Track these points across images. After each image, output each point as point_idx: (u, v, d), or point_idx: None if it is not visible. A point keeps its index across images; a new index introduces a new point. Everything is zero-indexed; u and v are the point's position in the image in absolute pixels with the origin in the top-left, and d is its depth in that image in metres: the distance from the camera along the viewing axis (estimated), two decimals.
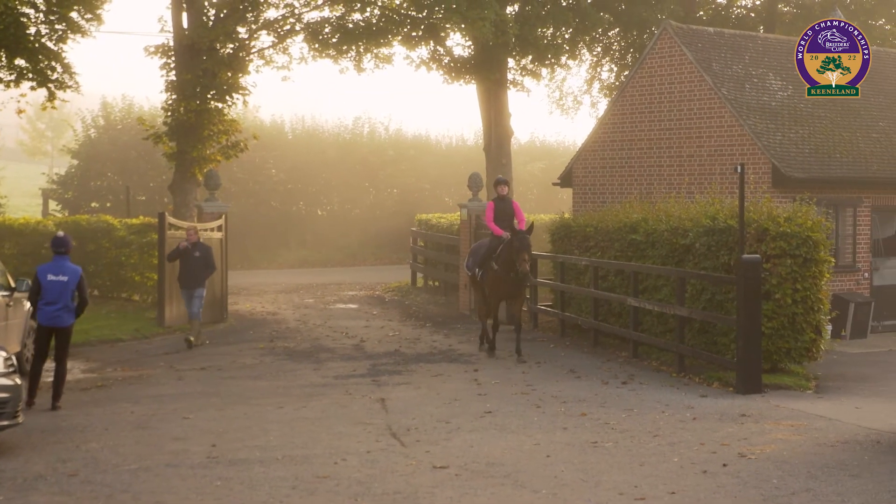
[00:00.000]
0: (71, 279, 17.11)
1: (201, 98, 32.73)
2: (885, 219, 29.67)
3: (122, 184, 48.61)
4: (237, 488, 11.39)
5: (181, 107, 32.40)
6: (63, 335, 17.27)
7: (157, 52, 34.12)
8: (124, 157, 51.35)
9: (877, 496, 10.81)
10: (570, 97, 52.73)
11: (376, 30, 37.91)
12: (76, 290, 17.21)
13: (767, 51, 31.17)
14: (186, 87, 32.57)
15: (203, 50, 32.88)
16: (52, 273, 17.07)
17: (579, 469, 12.21)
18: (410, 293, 37.18)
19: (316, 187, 55.82)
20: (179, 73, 33.18)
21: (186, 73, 32.73)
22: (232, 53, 34.05)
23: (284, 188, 54.82)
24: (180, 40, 33.24)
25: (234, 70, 33.78)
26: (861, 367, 22.16)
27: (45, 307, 17.05)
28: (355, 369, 20.72)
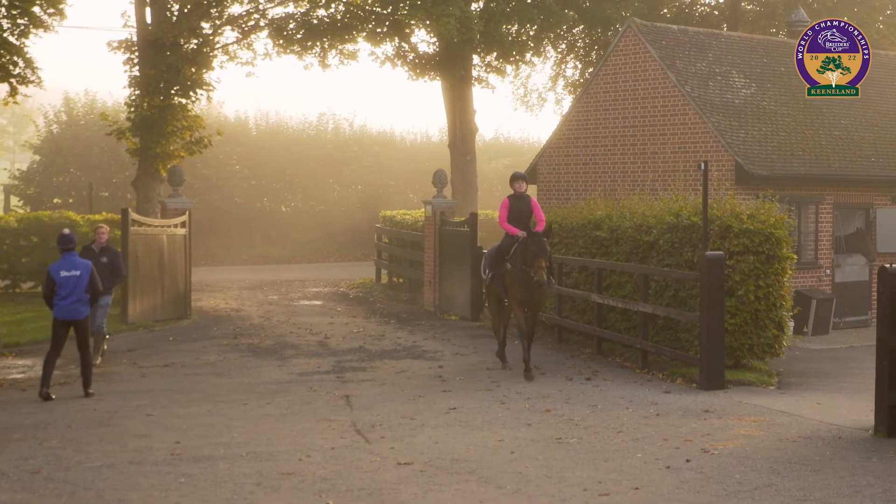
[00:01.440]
0: (83, 273, 17.73)
1: (165, 94, 32.63)
2: (847, 216, 29.89)
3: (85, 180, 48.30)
4: (201, 485, 11.36)
5: (144, 102, 32.27)
6: (82, 326, 17.90)
7: (120, 48, 33.97)
8: (87, 152, 51.08)
9: (838, 491, 10.89)
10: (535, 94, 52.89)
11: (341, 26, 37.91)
12: (88, 283, 17.79)
13: (731, 49, 31.31)
14: (150, 82, 32.44)
15: (167, 45, 32.75)
16: (65, 269, 17.64)
17: (543, 465, 12.24)
18: (375, 290, 37.16)
19: (280, 183, 55.67)
20: (143, 68, 33.04)
21: (150, 68, 32.60)
22: (196, 49, 33.93)
23: (248, 184, 54.68)
24: (144, 36, 33.10)
25: (198, 66, 33.66)
26: (823, 363, 22.30)
27: (60, 302, 17.61)
28: (319, 366, 20.69)
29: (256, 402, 16.77)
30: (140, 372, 20.16)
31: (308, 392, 17.67)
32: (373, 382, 18.67)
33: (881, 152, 30.16)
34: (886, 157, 30.17)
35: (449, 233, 30.17)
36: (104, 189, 50.26)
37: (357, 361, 21.23)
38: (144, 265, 27.49)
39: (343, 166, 57.19)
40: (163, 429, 14.61)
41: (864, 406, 15.16)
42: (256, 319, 28.69)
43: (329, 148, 57.68)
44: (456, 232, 29.72)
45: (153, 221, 28.93)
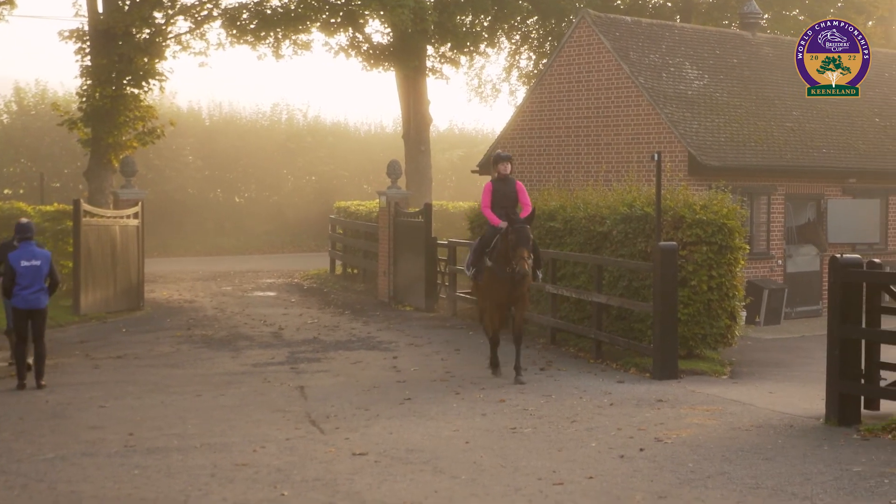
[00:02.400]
0: (43, 263, 17.64)
1: (117, 84, 32.43)
2: (799, 206, 30.13)
3: (36, 170, 48.00)
4: (155, 476, 11.31)
5: (96, 92, 32.06)
6: (40, 316, 17.82)
7: (71, 37, 33.70)
8: (38, 143, 50.69)
9: (790, 479, 10.99)
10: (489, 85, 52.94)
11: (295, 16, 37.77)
12: (48, 272, 17.72)
13: (684, 40, 31.45)
14: (102, 72, 32.23)
15: (119, 35, 32.52)
16: (25, 259, 17.51)
17: (498, 455, 12.27)
18: (329, 281, 37.09)
19: (234, 174, 55.45)
20: (95, 58, 32.80)
21: (102, 58, 32.37)
22: (148, 38, 33.72)
23: (202, 175, 54.45)
24: (95, 25, 32.85)
25: (151, 55, 33.46)
26: (774, 352, 22.48)
27: (21, 292, 17.49)
28: (274, 357, 20.64)
29: (210, 393, 16.71)
30: (93, 363, 20.03)
31: (262, 383, 17.62)
32: (327, 373, 18.65)
33: (832, 143, 30.41)
34: (837, 148, 30.43)
35: (403, 224, 30.16)
36: (56, 180, 49.91)
37: (311, 352, 21.19)
38: (97, 256, 27.30)
39: (297, 157, 57.02)
40: (116, 420, 14.53)
41: (816, 395, 15.30)
42: (210, 311, 28.57)
43: (283, 138, 57.47)
44: (410, 223, 29.72)
45: (105, 212, 28.73)
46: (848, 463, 11.66)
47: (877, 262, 14.34)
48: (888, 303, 14.17)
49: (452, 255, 27.67)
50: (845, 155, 30.38)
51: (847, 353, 13.81)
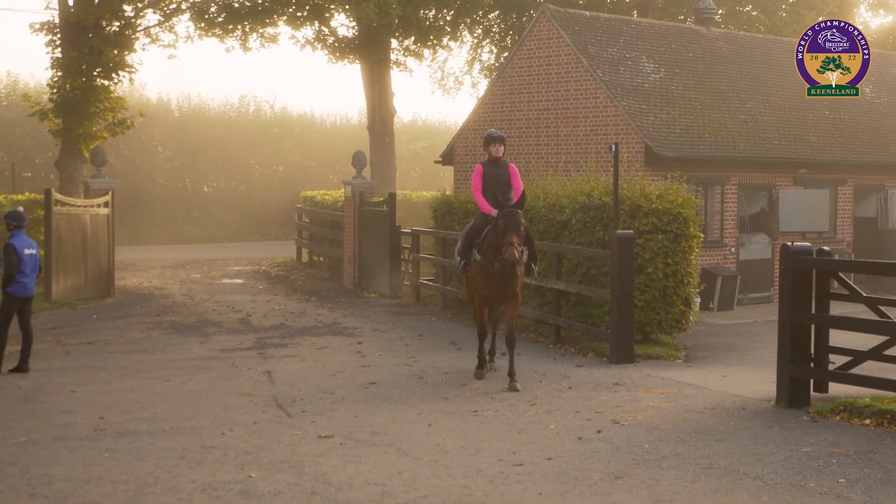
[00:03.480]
0: (37, 251, 17.80)
1: (87, 75, 32.28)
2: (751, 196, 30.30)
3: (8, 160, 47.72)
4: (125, 459, 11.27)
5: (67, 84, 31.90)
6: (31, 303, 17.98)
7: (42, 29, 33.52)
8: (9, 133, 50.37)
9: (741, 459, 11.07)
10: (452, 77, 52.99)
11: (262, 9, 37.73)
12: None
13: (641, 35, 31.53)
14: (72, 64, 32.06)
15: (89, 27, 32.37)
16: (27, 247, 17.58)
17: (460, 437, 12.30)
18: (296, 268, 37.03)
19: (202, 164, 55.31)
20: (65, 50, 32.65)
21: (72, 50, 32.22)
22: (118, 31, 33.58)
23: (171, 165, 54.30)
24: (66, 17, 32.69)
25: (121, 48, 33.33)
26: (727, 337, 22.61)
27: (23, 279, 17.48)
28: (242, 342, 20.60)
29: (179, 378, 16.67)
30: (64, 349, 19.94)
31: (230, 368, 17.59)
32: (294, 358, 18.62)
33: (783, 135, 30.58)
34: (788, 139, 30.60)
35: (368, 213, 30.16)
36: (27, 169, 49.59)
37: (278, 338, 21.16)
38: (67, 244, 27.18)
39: (264, 147, 56.92)
40: (87, 405, 14.47)
41: (767, 378, 15.39)
42: (179, 297, 28.47)
43: (250, 129, 57.38)
44: (375, 212, 29.72)
45: (76, 201, 28.59)
46: (797, 444, 11.75)
47: (826, 249, 14.44)
48: (837, 289, 14.27)
49: (416, 243, 27.67)
50: (796, 146, 30.56)
51: (797, 337, 13.91)
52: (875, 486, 10.01)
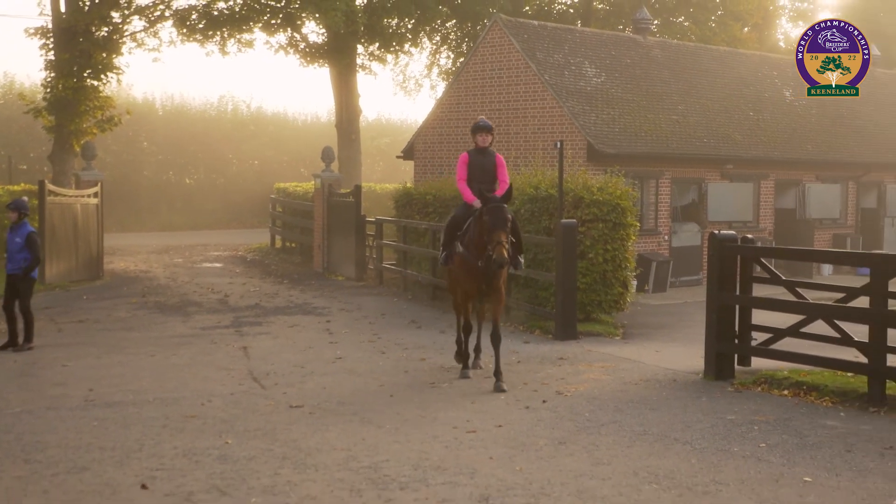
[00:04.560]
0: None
1: (78, 76, 32.05)
2: (683, 189, 30.46)
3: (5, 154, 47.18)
4: (112, 427, 11.21)
5: (59, 84, 31.66)
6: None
7: (36, 34, 33.24)
8: (6, 129, 49.81)
9: (672, 426, 11.14)
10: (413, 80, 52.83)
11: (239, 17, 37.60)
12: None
13: (584, 42, 31.58)
14: (64, 66, 31.83)
15: (80, 32, 32.13)
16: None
17: (419, 406, 12.31)
18: (270, 254, 36.90)
19: (184, 158, 54.93)
20: (58, 53, 32.40)
21: (64, 53, 31.99)
22: (106, 36, 33.35)
23: (155, 159, 53.96)
24: (58, 23, 32.43)
25: (109, 51, 33.10)
26: (661, 316, 22.73)
27: (35, 264, 17.22)
28: (220, 321, 20.51)
29: (163, 353, 16.58)
30: (56, 327, 19.78)
31: (209, 344, 17.52)
32: (268, 335, 18.57)
33: (712, 134, 30.74)
34: (716, 138, 30.76)
35: (336, 203, 30.08)
36: (23, 163, 49.07)
37: (253, 317, 21.08)
38: (60, 231, 26.94)
39: (241, 143, 56.66)
40: (77, 378, 14.37)
41: (696, 353, 15.48)
42: (163, 280, 28.30)
43: (228, 127, 57.13)
44: (342, 202, 29.65)
45: (68, 192, 28.34)
46: (723, 412, 11.84)
47: (750, 237, 14.53)
48: (759, 273, 14.37)
49: (379, 231, 27.63)
50: (723, 144, 30.73)
51: (723, 316, 14.01)
52: (792, 449, 10.11)
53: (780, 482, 8.99)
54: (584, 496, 8.57)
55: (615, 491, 8.72)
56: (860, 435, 10.67)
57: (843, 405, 12.18)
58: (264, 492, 8.74)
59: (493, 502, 8.40)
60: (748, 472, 9.33)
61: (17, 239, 17.12)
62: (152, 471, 9.43)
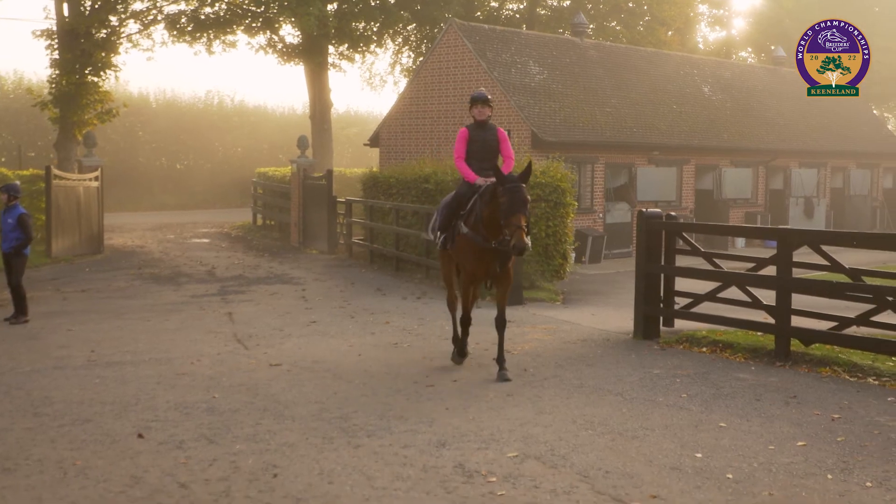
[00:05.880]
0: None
1: (80, 73, 31.68)
2: (615, 173, 30.55)
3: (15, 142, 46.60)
4: (112, 384, 11.10)
5: (63, 80, 31.28)
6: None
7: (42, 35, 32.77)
8: (16, 120, 49.23)
9: (606, 379, 11.19)
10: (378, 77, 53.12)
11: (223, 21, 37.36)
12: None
13: (529, 44, 31.53)
14: (67, 64, 31.46)
15: (81, 34, 31.73)
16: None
17: (384, 364, 12.28)
18: (252, 230, 36.65)
19: (175, 146, 54.49)
20: (61, 52, 32.02)
21: (67, 52, 31.62)
22: (105, 37, 32.95)
23: (150, 147, 53.53)
24: (62, 26, 32.03)
25: (107, 51, 32.71)
26: (596, 284, 22.82)
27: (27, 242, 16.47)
28: (208, 290, 20.36)
29: (157, 318, 16.44)
30: (62, 296, 19.56)
31: (198, 310, 17.38)
32: (250, 302, 18.46)
33: (640, 124, 30.85)
34: (644, 128, 30.87)
35: (310, 185, 29.94)
36: (31, 150, 48.46)
37: (237, 286, 20.95)
38: (65, 211, 26.63)
39: (226, 133, 56.33)
40: (81, 341, 14.21)
41: (626, 316, 15.58)
42: (157, 254, 28.05)
43: (215, 118, 56.75)
44: (316, 185, 29.52)
45: (71, 176, 27.99)
46: (650, 367, 11.90)
47: (673, 214, 14.59)
48: (682, 246, 14.44)
49: (349, 210, 27.51)
50: (650, 134, 30.84)
51: (650, 284, 14.07)
52: (709, 399, 10.18)
53: (699, 427, 9.06)
54: (529, 441, 8.59)
55: (556, 436, 8.75)
56: (768, 386, 10.76)
57: (753, 360, 12.28)
58: (247, 440, 8.69)
59: (449, 447, 8.40)
60: (672, 418, 9.39)
61: (10, 220, 16.50)
62: (147, 422, 9.35)
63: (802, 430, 8.94)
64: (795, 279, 12.22)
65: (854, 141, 39.33)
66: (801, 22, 56.82)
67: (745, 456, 8.12)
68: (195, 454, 8.25)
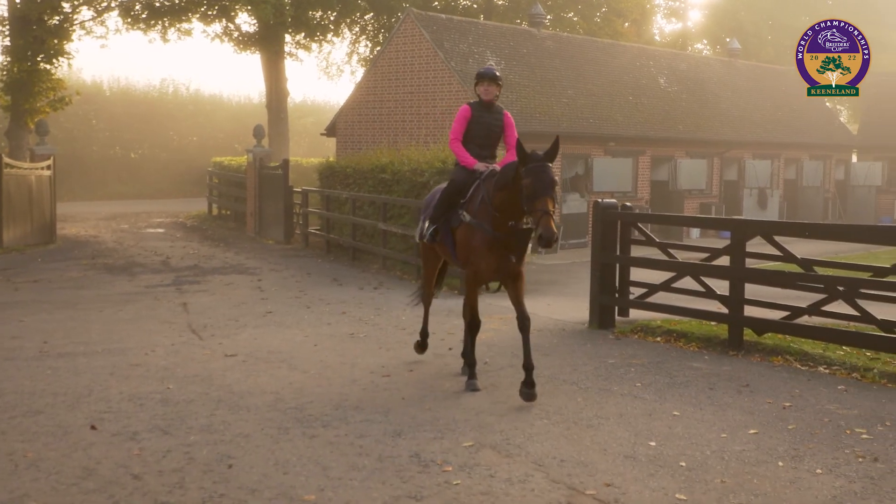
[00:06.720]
0: None
1: (32, 60, 31.28)
2: (571, 163, 30.66)
3: None
4: (65, 375, 10.99)
5: (15, 67, 30.86)
6: None
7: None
8: None
9: (561, 369, 11.25)
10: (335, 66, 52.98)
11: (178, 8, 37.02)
12: None
13: (486, 34, 31.54)
14: (19, 51, 31.04)
15: (33, 20, 31.29)
16: None
17: (340, 354, 12.26)
18: (207, 220, 36.42)
19: (130, 135, 53.94)
20: (13, 39, 31.56)
21: (19, 39, 31.17)
22: (58, 24, 32.53)
23: (103, 135, 52.96)
24: (13, 12, 31.59)
25: (60, 38, 32.31)
26: (552, 274, 22.90)
27: None
28: (162, 280, 20.20)
29: (111, 309, 16.29)
30: (13, 286, 19.30)
31: (153, 301, 17.24)
32: (205, 293, 18.34)
33: (596, 115, 30.98)
34: (600, 119, 31.00)
35: (266, 175, 29.78)
36: None
37: (193, 276, 20.80)
38: (16, 200, 26.25)
39: (181, 122, 55.87)
40: (33, 332, 14.04)
41: (582, 306, 15.64)
42: (111, 244, 27.78)
43: (170, 107, 56.26)
44: (272, 174, 29.38)
45: (23, 164, 27.60)
46: (605, 356, 11.98)
47: (628, 205, 14.68)
48: (637, 236, 14.53)
49: (305, 200, 27.42)
50: (606, 125, 30.98)
51: (605, 274, 14.16)
52: (663, 388, 10.27)
53: (653, 416, 9.13)
54: (484, 430, 8.62)
55: (511, 426, 8.78)
56: (721, 375, 10.88)
57: (707, 350, 12.41)
58: (202, 430, 8.65)
59: (405, 437, 8.41)
60: (626, 407, 9.46)
61: None
62: (101, 413, 9.27)
63: (754, 418, 9.05)
64: (748, 269, 12.36)
65: (807, 133, 39.79)
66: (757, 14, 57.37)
67: (698, 444, 8.21)
68: (149, 445, 8.19)
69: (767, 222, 12.92)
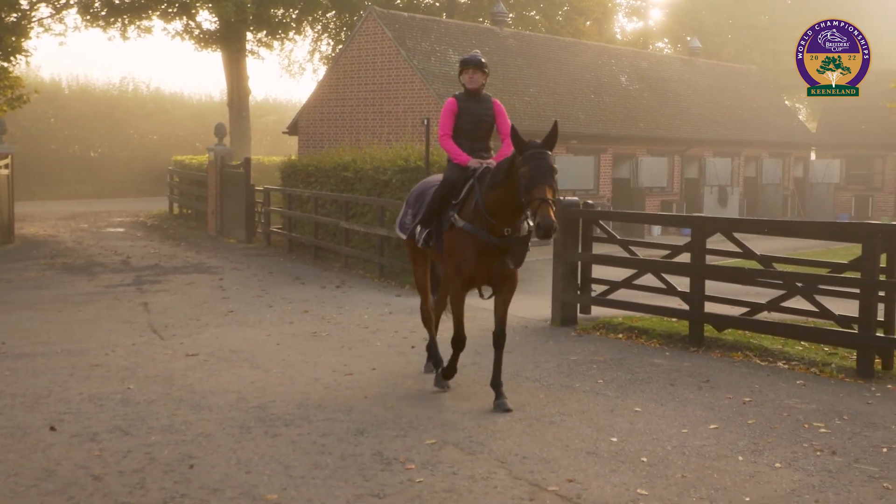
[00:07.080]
0: None
1: None
2: None
3: None
4: (23, 376, 10.87)
5: None
6: None
7: None
8: None
9: (524, 366, 11.29)
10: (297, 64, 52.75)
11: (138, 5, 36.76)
12: None
13: (448, 32, 31.56)
14: None
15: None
16: None
17: (302, 353, 12.23)
18: (168, 219, 36.16)
19: (89, 133, 53.47)
20: None
21: None
22: (15, 21, 32.14)
23: (62, 134, 52.42)
24: None
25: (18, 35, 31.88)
26: None
27: None
28: (123, 280, 20.03)
29: (70, 309, 16.13)
30: None
31: (113, 301, 17.10)
32: (166, 292, 18.21)
33: (559, 114, 31.07)
34: (562, 117, 31.11)
35: (228, 174, 29.61)
36: None
37: (153, 276, 20.65)
38: None
39: (141, 120, 55.42)
40: None
41: (545, 304, 15.69)
42: (70, 243, 27.51)
43: (130, 105, 55.78)
44: (233, 173, 29.21)
45: None
46: (567, 353, 12.04)
47: (590, 203, 14.76)
48: (599, 234, 14.61)
49: (267, 199, 27.29)
50: (568, 123, 31.10)
51: (568, 271, 14.22)
52: (625, 384, 10.34)
53: (614, 412, 9.19)
54: (447, 428, 8.64)
55: (475, 423, 8.81)
56: (682, 371, 10.97)
57: (668, 346, 12.51)
58: (163, 430, 8.59)
59: (368, 435, 8.40)
60: (588, 404, 9.51)
61: None
62: (60, 414, 9.19)
63: (715, 413, 9.14)
64: (709, 266, 12.47)
65: (767, 131, 40.17)
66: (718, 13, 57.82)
67: (659, 439, 8.27)
68: (109, 446, 8.13)
69: (727, 219, 13.04)
